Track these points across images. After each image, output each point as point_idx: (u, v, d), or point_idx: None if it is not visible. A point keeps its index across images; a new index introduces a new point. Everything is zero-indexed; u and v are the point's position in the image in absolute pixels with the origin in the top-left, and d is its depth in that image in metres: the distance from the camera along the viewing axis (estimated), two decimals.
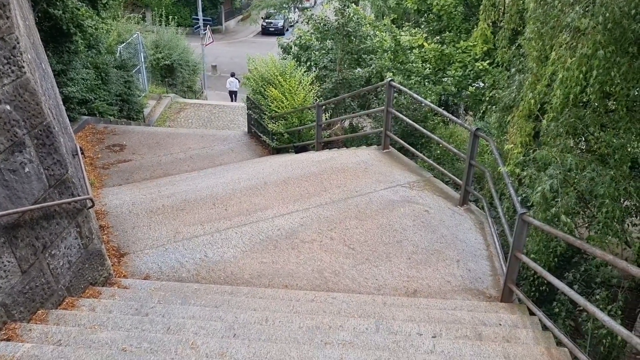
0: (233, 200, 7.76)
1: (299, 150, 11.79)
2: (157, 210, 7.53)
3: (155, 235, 6.81)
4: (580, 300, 4.24)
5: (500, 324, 4.91)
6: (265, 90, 12.31)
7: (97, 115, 13.16)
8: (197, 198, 7.91)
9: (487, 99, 10.22)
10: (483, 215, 7.39)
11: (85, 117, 12.54)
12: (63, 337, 3.95)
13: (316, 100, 11.69)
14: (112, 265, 5.86)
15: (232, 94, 24.15)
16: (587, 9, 5.01)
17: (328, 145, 11.69)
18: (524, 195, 6.89)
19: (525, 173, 6.18)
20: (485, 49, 10.57)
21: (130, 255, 6.35)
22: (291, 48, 15.93)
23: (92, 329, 4.17)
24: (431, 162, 8.61)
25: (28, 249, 4.23)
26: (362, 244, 6.56)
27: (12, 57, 4.03)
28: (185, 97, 22.54)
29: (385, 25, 14.69)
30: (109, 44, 15.66)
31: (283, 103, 11.74)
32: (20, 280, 4.13)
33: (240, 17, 47.07)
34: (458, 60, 12.37)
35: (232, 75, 23.99)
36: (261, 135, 13.01)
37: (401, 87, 9.12)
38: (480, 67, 11.47)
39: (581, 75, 5.09)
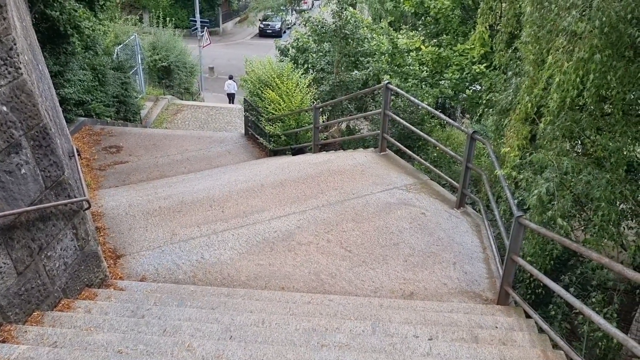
0: (230, 202, 7.76)
1: (296, 152, 11.80)
2: (153, 212, 7.52)
3: (151, 237, 6.79)
4: (576, 303, 4.25)
5: (496, 327, 4.91)
6: (262, 92, 12.31)
7: (94, 116, 13.14)
8: (193, 200, 7.90)
9: (484, 102, 10.24)
10: (479, 217, 7.40)
11: (82, 118, 12.52)
12: (59, 339, 3.94)
13: (313, 102, 11.70)
14: (108, 266, 5.84)
15: (230, 96, 24.26)
16: (583, 13, 5.02)
17: (325, 147, 11.70)
18: (520, 198, 6.91)
19: (521, 176, 6.20)
20: (482, 52, 10.58)
21: (127, 257, 6.34)
22: (288, 50, 15.96)
23: (88, 330, 4.16)
24: (428, 164, 8.62)
25: (24, 251, 4.21)
26: (358, 246, 6.56)
27: (8, 58, 4.02)
28: (182, 99, 22.53)
29: (382, 28, 14.74)
30: (106, 46, 15.65)
31: (280, 105, 11.74)
32: (15, 282, 4.12)
33: (238, 19, 47.10)
34: (455, 63, 12.40)
35: (230, 77, 24.15)
36: (258, 137, 13.00)
37: (398, 90, 9.14)
38: (477, 70, 11.50)
39: (578, 79, 5.10)
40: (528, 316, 5.15)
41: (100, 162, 10.99)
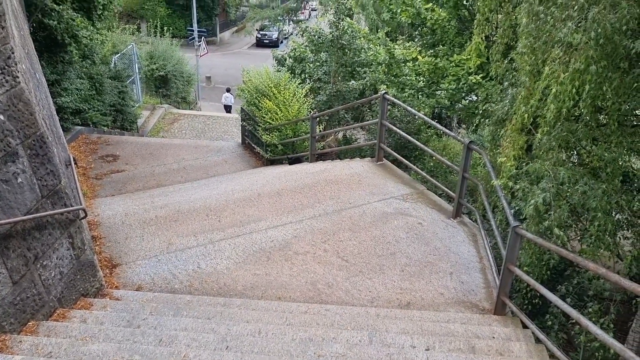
0: (226, 211, 7.75)
1: (293, 161, 11.81)
2: (150, 221, 7.50)
3: (148, 246, 6.77)
4: (573, 313, 4.25)
5: (493, 337, 4.90)
6: (259, 101, 12.34)
7: (91, 125, 13.14)
8: (190, 209, 7.88)
9: (480, 112, 10.28)
10: (476, 227, 7.40)
11: (79, 127, 12.51)
12: (54, 349, 3.91)
13: (310, 112, 11.72)
14: (104, 276, 5.82)
15: (227, 108, 24.45)
16: (579, 24, 5.07)
17: (322, 157, 11.71)
18: (516, 208, 6.92)
19: (518, 186, 6.21)
20: (478, 62, 10.64)
21: (123, 266, 6.31)
22: (286, 60, 16.02)
23: (83, 340, 4.14)
24: (424, 174, 8.64)
25: (19, 260, 4.19)
26: (355, 256, 6.55)
27: (6, 67, 4.02)
28: (179, 108, 22.55)
29: (379, 38, 14.81)
30: (104, 55, 15.66)
31: (277, 114, 11.76)
32: (11, 292, 4.09)
33: (235, 28, 47.31)
34: (451, 73, 12.44)
35: (228, 90, 24.49)
36: (255, 146, 13.01)
37: (395, 100, 9.17)
38: (473, 81, 11.54)
39: (574, 90, 5.13)
40: (525, 326, 5.14)
41: (97, 170, 10.97)
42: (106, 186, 10.19)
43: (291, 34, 40.69)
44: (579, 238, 7.13)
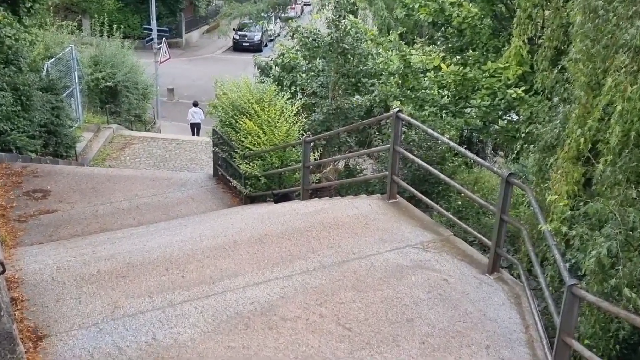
0: (192, 264, 7.70)
1: (280, 199, 11.81)
2: (90, 278, 7.44)
3: (86, 311, 6.69)
4: None
5: None
6: (237, 121, 12.40)
7: (14, 151, 13.16)
8: (144, 261, 7.84)
9: (523, 135, 10.36)
10: (519, 286, 7.37)
11: None
12: None
13: (303, 134, 11.78)
14: (25, 351, 5.72)
15: (194, 128, 24.54)
16: None
17: (317, 192, 11.74)
18: (573, 260, 6.89)
19: (574, 232, 6.20)
20: (519, 72, 10.75)
21: (52, 338, 6.22)
22: (271, 68, 16.23)
23: None
24: (450, 216, 8.64)
25: None
26: (361, 323, 6.49)
27: None
28: (132, 129, 22.72)
29: (391, 41, 14.98)
30: (33, 60, 15.79)
31: (260, 138, 11.81)
32: None
33: (206, 27, 48.04)
34: (485, 86, 12.56)
35: (195, 104, 24.58)
36: (231, 179, 13.04)
37: (411, 120, 9.24)
38: (513, 95, 11.64)
39: None
40: None
41: (21, 210, 10.93)
42: (32, 231, 10.14)
43: (278, 35, 41.24)
44: None
